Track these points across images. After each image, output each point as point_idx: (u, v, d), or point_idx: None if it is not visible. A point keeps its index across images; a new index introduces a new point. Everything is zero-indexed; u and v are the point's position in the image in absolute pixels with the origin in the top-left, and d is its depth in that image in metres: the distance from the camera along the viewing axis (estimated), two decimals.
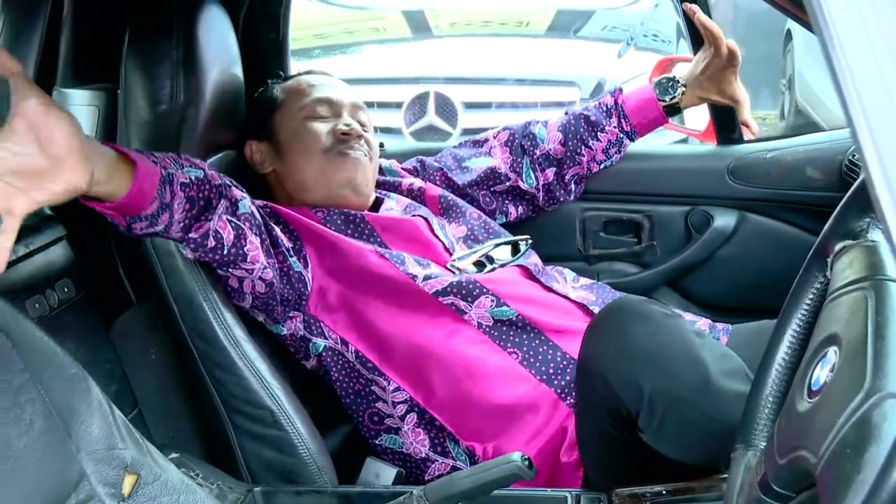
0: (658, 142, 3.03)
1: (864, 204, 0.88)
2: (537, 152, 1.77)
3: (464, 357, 1.50)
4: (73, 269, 1.42)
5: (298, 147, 1.62)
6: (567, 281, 1.67)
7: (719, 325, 1.64)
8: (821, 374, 0.77)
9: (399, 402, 1.52)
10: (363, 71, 3.69)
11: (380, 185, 1.73)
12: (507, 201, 1.81)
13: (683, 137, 2.95)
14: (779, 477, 0.79)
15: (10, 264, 1.28)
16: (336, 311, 1.52)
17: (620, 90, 1.79)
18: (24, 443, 0.93)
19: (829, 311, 0.84)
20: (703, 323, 1.64)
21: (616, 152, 1.81)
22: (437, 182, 1.78)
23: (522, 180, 1.78)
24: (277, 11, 1.92)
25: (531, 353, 1.50)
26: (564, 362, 1.50)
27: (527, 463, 1.16)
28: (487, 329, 1.52)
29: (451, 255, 1.60)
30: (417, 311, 1.51)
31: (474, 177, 1.78)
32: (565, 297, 1.60)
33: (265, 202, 1.55)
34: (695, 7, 1.71)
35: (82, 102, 1.63)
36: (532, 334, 1.51)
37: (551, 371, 1.49)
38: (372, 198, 1.67)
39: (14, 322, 1.01)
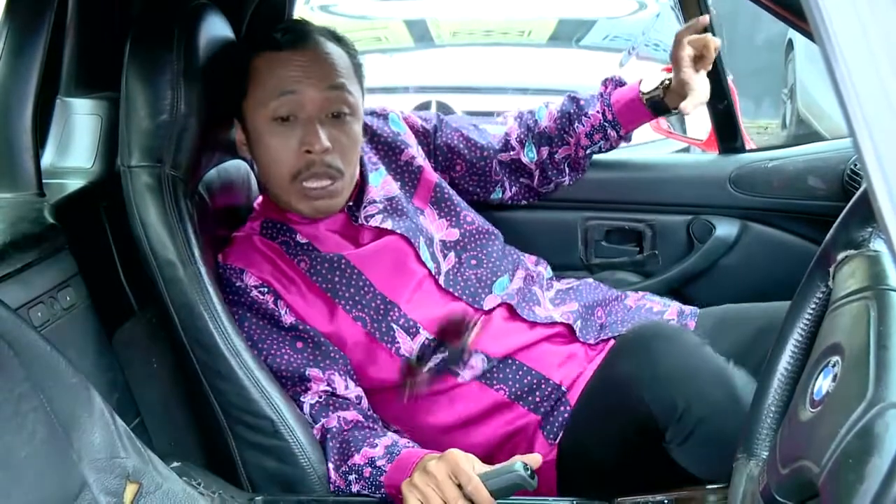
0: (660, 151, 3.04)
1: (866, 214, 0.88)
2: (536, 130, 1.78)
3: (453, 403, 1.51)
4: (76, 277, 1.42)
5: (264, 158, 1.52)
6: (545, 299, 1.64)
7: (686, 310, 1.66)
8: (823, 383, 0.77)
9: None
10: (365, 80, 3.68)
11: (378, 144, 1.68)
12: (506, 175, 1.81)
13: (685, 146, 2.96)
14: (781, 486, 0.79)
15: (13, 273, 1.29)
16: None
17: (614, 82, 1.74)
18: (25, 452, 0.93)
19: (832, 320, 0.84)
20: (672, 310, 1.66)
21: (602, 139, 1.73)
22: (455, 141, 1.76)
23: (524, 153, 1.78)
24: (280, 21, 1.92)
25: (517, 385, 1.51)
26: (549, 389, 1.51)
27: (528, 472, 1.16)
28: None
29: (436, 280, 1.57)
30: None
31: (494, 142, 1.79)
32: (549, 322, 1.58)
33: (272, 287, 1.49)
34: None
35: (85, 111, 1.63)
36: (515, 366, 1.52)
37: (538, 399, 1.50)
38: (350, 192, 1.56)
39: (16, 330, 1.01)
